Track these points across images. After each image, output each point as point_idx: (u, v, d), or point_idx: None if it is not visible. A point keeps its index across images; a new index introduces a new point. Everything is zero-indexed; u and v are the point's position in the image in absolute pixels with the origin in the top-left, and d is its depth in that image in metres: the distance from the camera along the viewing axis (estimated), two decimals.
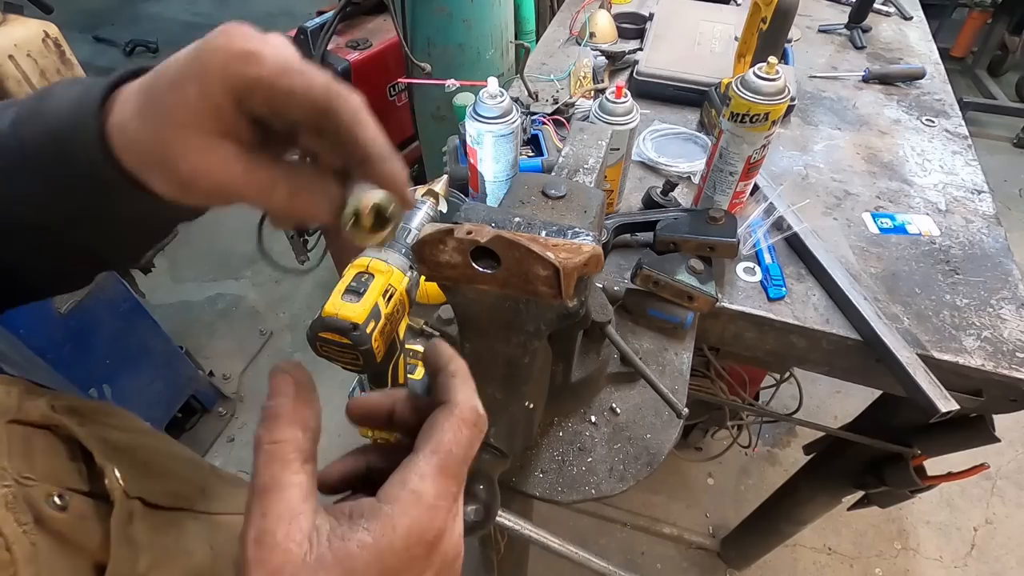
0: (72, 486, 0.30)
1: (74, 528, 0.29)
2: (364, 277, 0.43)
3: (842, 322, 0.77)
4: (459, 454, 0.27)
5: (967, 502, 1.76)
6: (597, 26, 1.31)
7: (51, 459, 0.30)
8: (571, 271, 0.39)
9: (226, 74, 0.25)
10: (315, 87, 0.26)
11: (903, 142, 1.09)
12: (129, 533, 0.31)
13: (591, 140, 0.69)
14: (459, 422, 0.27)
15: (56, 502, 0.28)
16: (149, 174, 0.28)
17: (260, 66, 0.25)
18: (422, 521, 0.25)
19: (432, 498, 0.25)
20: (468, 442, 0.28)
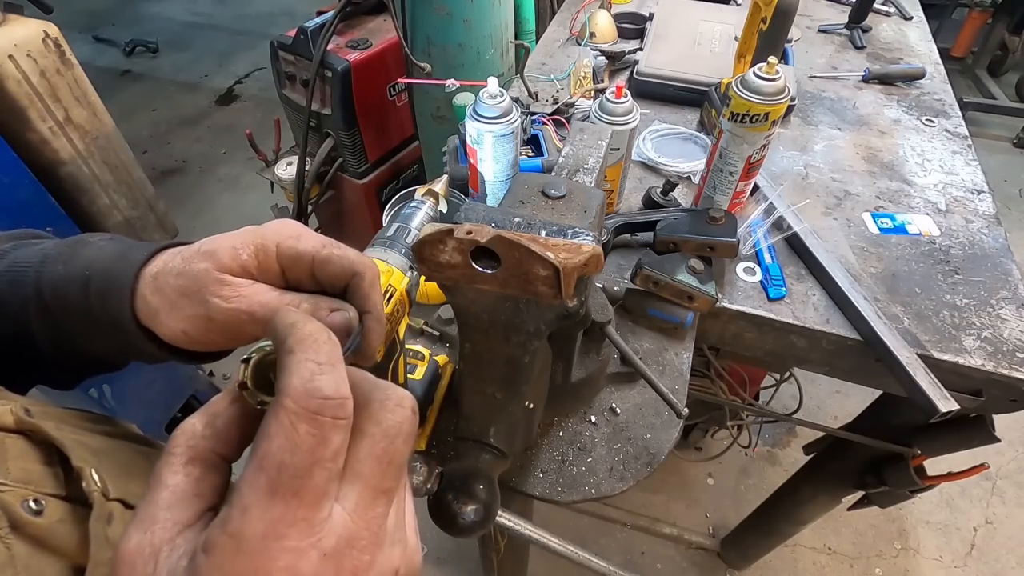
0: (48, 490, 0.30)
1: (51, 532, 0.28)
2: None
3: (842, 322, 0.77)
4: (296, 462, 0.19)
5: (967, 502, 1.76)
6: (597, 26, 1.31)
7: (26, 464, 0.30)
8: (571, 271, 0.39)
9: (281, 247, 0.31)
10: (348, 257, 0.32)
11: (903, 142, 1.09)
12: (109, 534, 0.30)
13: (591, 140, 0.69)
14: (289, 417, 0.20)
15: (32, 507, 0.28)
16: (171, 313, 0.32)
17: (308, 242, 0.32)
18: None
19: (259, 539, 0.19)
20: (311, 439, 0.20)
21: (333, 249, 0.31)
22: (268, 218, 1.38)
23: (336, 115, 1.59)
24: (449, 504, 0.44)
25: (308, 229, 0.32)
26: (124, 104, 3.31)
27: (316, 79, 1.54)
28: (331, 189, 1.77)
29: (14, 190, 1.12)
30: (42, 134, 1.17)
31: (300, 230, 0.32)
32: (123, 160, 1.36)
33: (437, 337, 0.76)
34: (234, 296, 0.30)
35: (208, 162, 2.97)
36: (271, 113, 2.08)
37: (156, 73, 3.65)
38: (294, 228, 0.32)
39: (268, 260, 0.31)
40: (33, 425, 0.30)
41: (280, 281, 0.32)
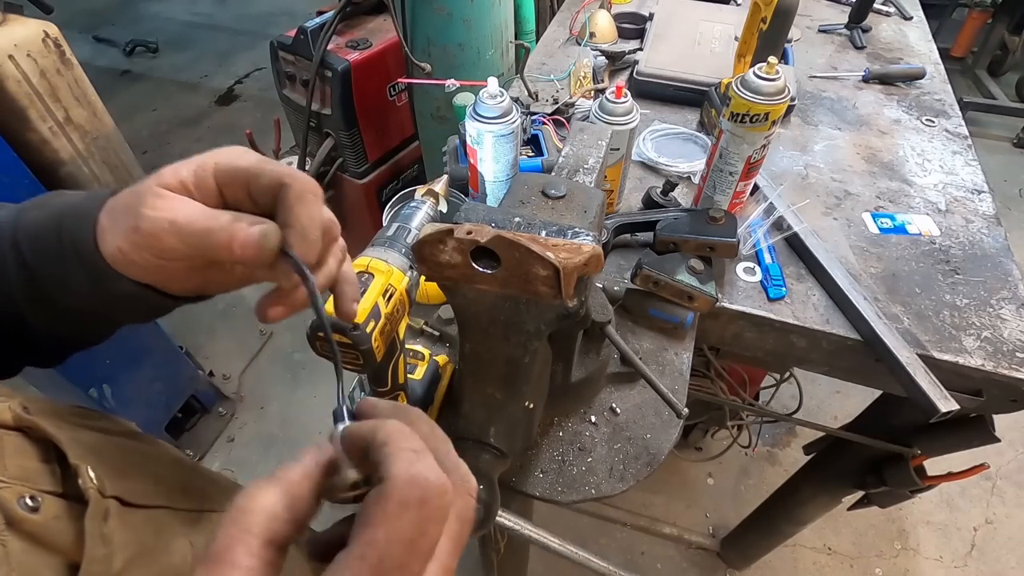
0: (45, 487, 0.30)
1: (47, 529, 0.28)
2: (364, 277, 0.43)
3: (842, 322, 0.77)
4: (398, 553, 0.20)
5: (967, 502, 1.76)
6: (597, 26, 1.31)
7: (22, 461, 0.30)
8: (571, 271, 0.39)
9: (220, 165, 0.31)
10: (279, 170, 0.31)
11: (903, 142, 1.09)
12: (104, 531, 0.30)
13: (591, 140, 0.69)
14: (395, 506, 0.21)
15: (28, 503, 0.28)
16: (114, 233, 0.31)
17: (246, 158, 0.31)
18: None
19: None
20: (413, 528, 0.21)
21: (265, 164, 0.31)
22: None
23: (336, 115, 1.59)
24: None
25: (255, 153, 0.32)
26: (124, 104, 3.31)
27: (316, 79, 1.54)
28: (331, 189, 1.77)
29: (14, 190, 1.12)
30: (42, 134, 1.17)
31: (244, 151, 0.32)
32: (123, 160, 1.36)
33: (437, 337, 0.76)
34: (163, 206, 0.30)
35: None
36: (271, 113, 2.08)
37: (156, 73, 3.65)
38: (238, 150, 0.32)
39: (206, 177, 0.31)
40: (31, 422, 0.30)
41: (217, 200, 0.32)
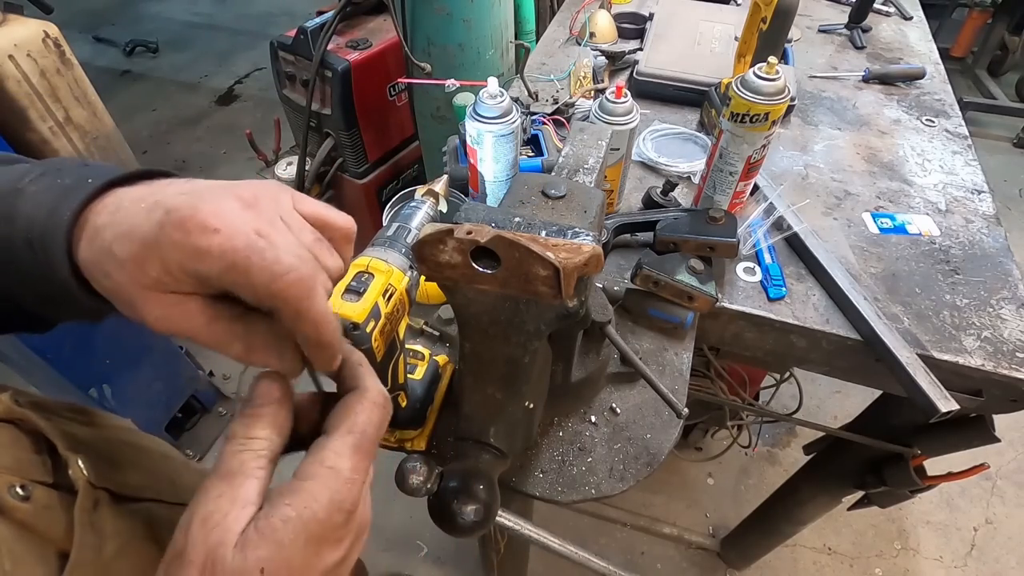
0: (36, 478, 0.31)
1: (38, 517, 0.30)
2: (364, 277, 0.43)
3: (842, 322, 0.77)
4: (371, 433, 0.30)
5: (967, 502, 1.76)
6: (597, 26, 1.31)
7: (14, 452, 0.31)
8: (571, 271, 0.39)
9: (183, 268, 0.27)
10: (257, 286, 0.27)
11: (903, 142, 1.09)
12: (94, 521, 0.32)
13: (591, 140, 0.69)
14: (371, 404, 0.30)
15: (19, 492, 0.29)
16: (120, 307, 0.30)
17: (210, 264, 0.27)
18: (341, 492, 0.27)
19: (349, 472, 0.28)
20: (379, 422, 0.30)
21: (237, 277, 0.27)
22: None
23: (336, 115, 1.59)
24: (449, 504, 0.44)
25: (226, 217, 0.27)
26: (124, 104, 3.31)
27: (316, 79, 1.54)
28: (331, 189, 1.77)
29: None
30: (42, 134, 1.17)
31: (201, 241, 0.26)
32: (123, 160, 1.36)
33: (437, 337, 0.76)
34: (163, 318, 0.29)
35: (208, 162, 2.97)
36: (271, 113, 2.07)
37: (156, 73, 3.65)
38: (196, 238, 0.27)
39: (178, 276, 0.28)
40: (23, 414, 0.32)
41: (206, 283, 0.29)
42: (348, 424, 0.29)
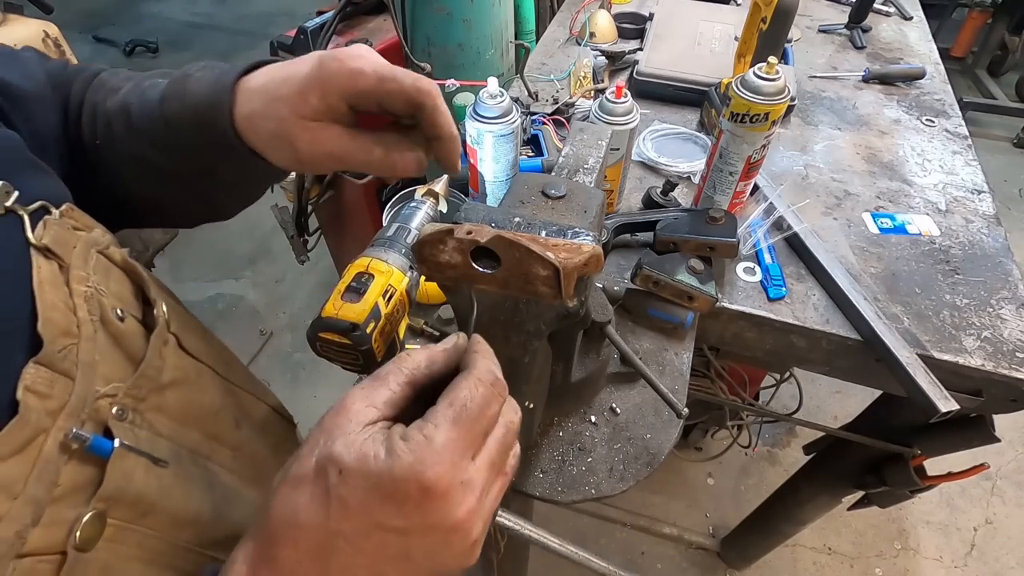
0: (132, 312, 0.39)
1: (125, 336, 0.37)
2: (364, 277, 0.43)
3: (842, 322, 0.77)
4: (473, 409, 0.30)
5: (967, 502, 1.76)
6: (597, 26, 1.31)
7: (121, 288, 0.39)
8: (571, 271, 0.39)
9: (342, 88, 0.37)
10: (407, 89, 0.38)
11: (903, 142, 1.09)
12: (162, 352, 0.39)
13: (591, 140, 0.69)
14: (475, 381, 0.31)
15: (118, 314, 0.37)
16: (272, 152, 0.40)
17: (367, 79, 0.37)
18: (424, 462, 0.27)
19: (440, 444, 0.28)
20: (483, 399, 0.30)
21: (389, 84, 0.37)
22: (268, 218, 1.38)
23: None
24: None
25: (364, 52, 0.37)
26: None
27: None
28: (331, 189, 1.77)
29: None
30: None
31: (357, 65, 0.37)
32: None
33: (437, 337, 0.76)
34: (314, 141, 0.38)
35: None
36: None
37: None
38: (352, 64, 0.37)
39: (334, 101, 0.38)
40: (133, 266, 0.41)
41: (348, 116, 0.39)
42: (450, 398, 0.30)
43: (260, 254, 2.52)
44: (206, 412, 0.44)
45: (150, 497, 0.35)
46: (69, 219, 0.36)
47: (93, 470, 0.32)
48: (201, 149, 0.42)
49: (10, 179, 0.33)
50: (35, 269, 0.32)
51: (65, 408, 0.31)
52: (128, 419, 0.35)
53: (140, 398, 0.36)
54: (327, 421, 0.30)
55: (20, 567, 0.28)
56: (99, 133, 0.45)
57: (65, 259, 0.34)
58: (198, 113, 0.40)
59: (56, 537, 0.30)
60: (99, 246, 0.38)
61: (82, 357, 0.32)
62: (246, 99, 0.40)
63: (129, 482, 0.34)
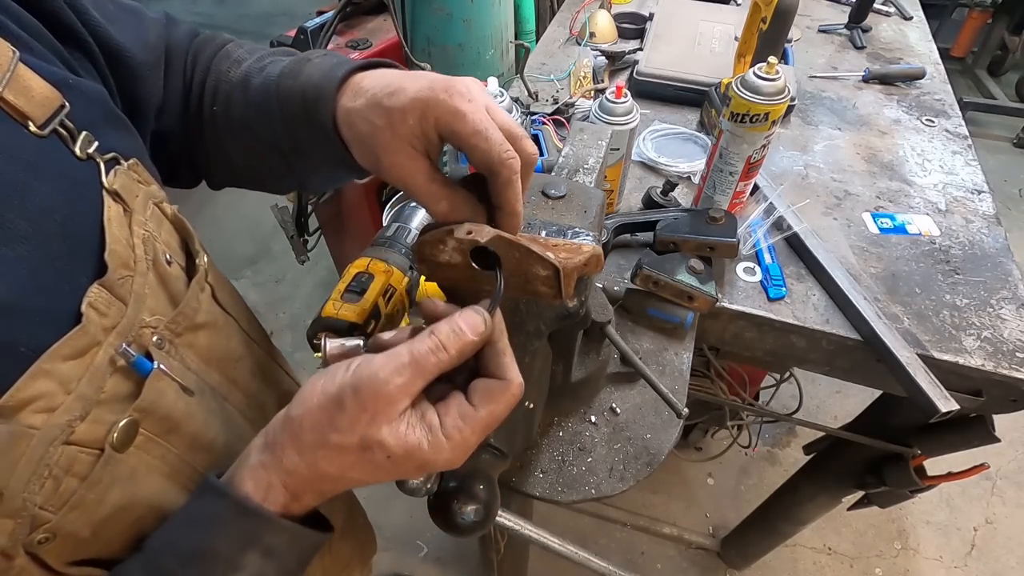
0: (177, 259, 0.42)
1: (170, 278, 0.40)
2: (364, 277, 0.43)
3: (842, 322, 0.77)
4: (499, 417, 0.36)
5: (967, 502, 1.76)
6: (597, 26, 1.31)
7: (170, 238, 0.43)
8: (571, 271, 0.39)
9: (440, 122, 0.38)
10: (492, 153, 0.37)
11: (903, 142, 1.09)
12: (199, 296, 0.43)
13: (591, 140, 0.69)
14: (510, 398, 0.36)
15: (167, 258, 0.40)
16: (359, 152, 0.43)
17: (463, 125, 0.37)
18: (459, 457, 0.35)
19: (471, 445, 0.35)
20: (507, 409, 0.36)
21: (479, 141, 0.37)
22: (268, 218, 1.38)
23: None
24: (449, 504, 0.44)
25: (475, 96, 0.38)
26: None
27: None
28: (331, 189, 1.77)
29: None
30: None
31: (461, 106, 0.37)
32: None
33: None
34: (396, 164, 0.40)
35: None
36: None
37: None
38: (456, 103, 0.37)
39: (428, 131, 0.39)
40: (182, 221, 0.44)
41: (436, 148, 0.41)
42: (489, 408, 0.35)
43: (260, 254, 2.52)
44: (229, 357, 0.48)
45: (176, 417, 0.39)
46: (134, 172, 0.40)
47: (132, 385, 0.36)
48: (300, 129, 0.46)
49: (92, 130, 0.37)
50: (106, 208, 0.36)
51: (117, 327, 0.35)
52: (165, 348, 0.39)
53: (177, 333, 0.40)
54: (367, 400, 0.33)
55: (66, 452, 0.32)
56: (219, 101, 0.50)
57: (130, 204, 0.38)
58: (306, 96, 0.44)
59: (98, 433, 0.34)
60: (156, 199, 0.42)
61: (135, 288, 0.37)
62: (352, 95, 0.42)
63: (161, 399, 0.38)
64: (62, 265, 0.33)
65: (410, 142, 0.39)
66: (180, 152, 0.53)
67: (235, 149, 0.52)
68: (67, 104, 0.35)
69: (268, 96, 0.47)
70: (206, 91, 0.51)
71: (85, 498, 0.34)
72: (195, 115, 0.51)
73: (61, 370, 0.32)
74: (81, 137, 0.36)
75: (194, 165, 0.55)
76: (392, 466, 0.34)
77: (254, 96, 0.48)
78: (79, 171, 0.36)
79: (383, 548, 1.66)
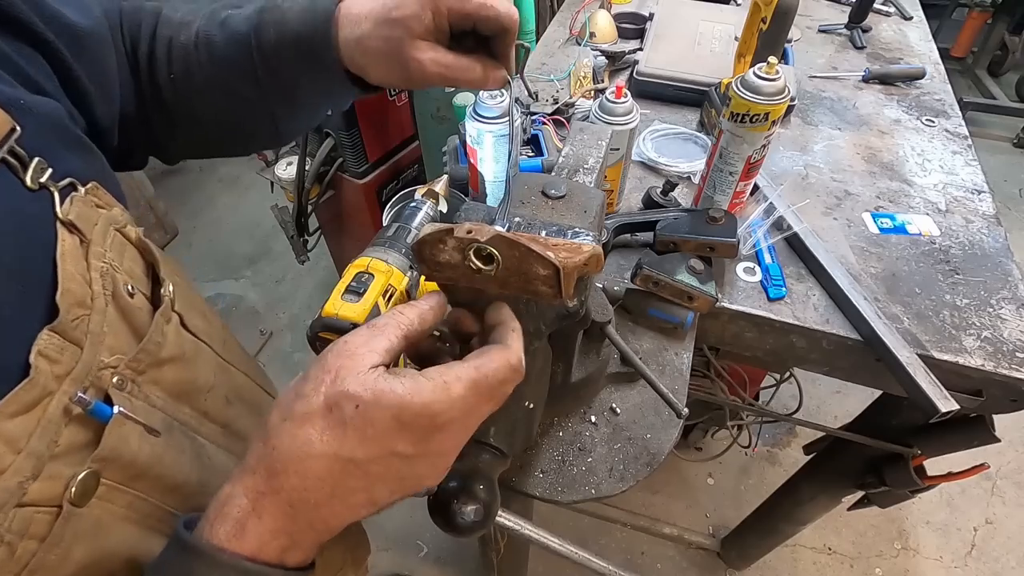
0: (141, 289, 0.41)
1: (133, 311, 0.39)
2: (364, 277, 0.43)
3: (842, 322, 0.77)
4: (493, 382, 0.33)
5: (967, 502, 1.76)
6: (597, 26, 1.31)
7: (133, 266, 0.41)
8: (571, 271, 0.39)
9: (451, 10, 0.43)
10: (501, 17, 0.44)
11: (903, 142, 1.09)
12: (163, 329, 0.41)
13: (591, 140, 0.69)
14: (506, 360, 0.34)
15: (128, 290, 0.38)
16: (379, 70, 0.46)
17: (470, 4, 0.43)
18: (440, 404, 0.31)
19: (456, 396, 0.31)
20: (504, 378, 0.34)
21: (488, 11, 0.43)
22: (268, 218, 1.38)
23: (336, 115, 1.59)
24: (449, 504, 0.44)
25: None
26: None
27: None
28: (331, 189, 1.77)
29: None
30: None
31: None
32: None
33: (437, 337, 0.76)
34: (423, 60, 0.44)
35: (208, 162, 2.97)
36: None
37: None
38: None
39: (441, 21, 0.44)
40: (146, 245, 0.43)
41: (446, 37, 0.45)
42: (479, 362, 0.33)
43: (260, 254, 2.52)
44: (199, 389, 0.46)
45: (141, 462, 0.37)
46: (93, 197, 0.38)
47: (91, 433, 0.34)
48: (291, 75, 0.47)
49: (46, 155, 0.34)
50: (59, 242, 0.34)
51: (71, 374, 0.33)
52: (127, 389, 0.37)
53: (139, 371, 0.38)
54: (331, 362, 0.31)
55: (20, 515, 0.30)
56: (175, 68, 0.49)
57: (87, 234, 0.36)
58: (298, 42, 0.46)
59: (54, 491, 0.32)
60: (117, 224, 0.40)
61: (92, 328, 0.35)
62: (351, 24, 0.45)
63: (124, 446, 0.36)
64: (11, 312, 0.31)
65: (430, 38, 0.44)
66: (136, 132, 0.51)
67: (204, 110, 0.51)
68: (18, 128, 0.32)
69: (242, 52, 0.47)
70: (157, 60, 0.49)
71: (46, 560, 0.31)
72: (148, 87, 0.50)
73: (7, 429, 0.29)
74: (33, 165, 0.33)
75: (152, 142, 0.53)
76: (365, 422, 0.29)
77: (221, 53, 0.48)
78: (30, 203, 0.33)
79: (383, 548, 1.66)
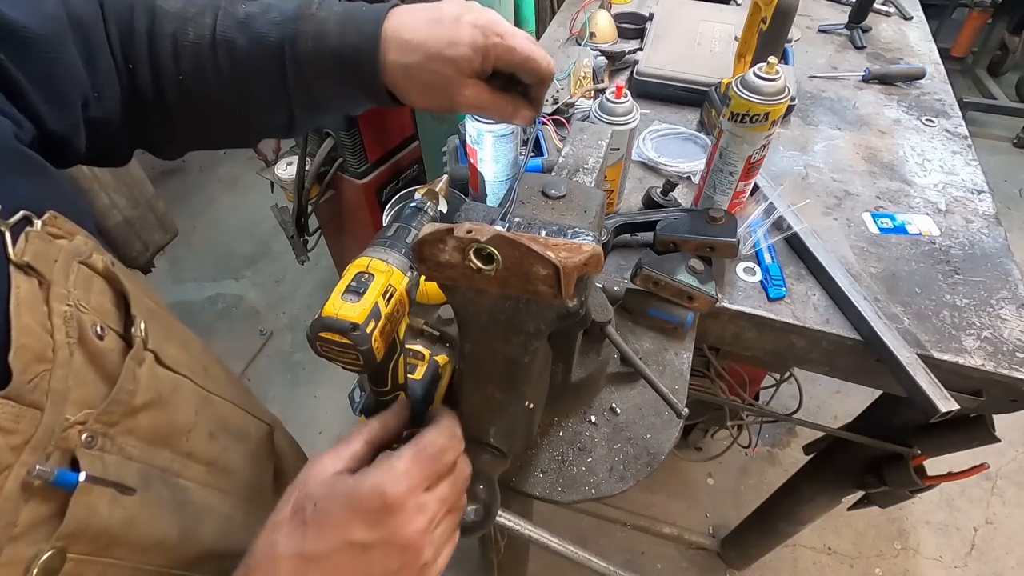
0: (112, 325, 0.38)
1: (103, 355, 0.36)
2: (364, 277, 0.43)
3: (842, 322, 0.77)
4: (433, 451, 0.38)
5: (967, 502, 1.76)
6: (597, 26, 1.31)
7: (102, 300, 0.38)
8: (571, 271, 0.39)
9: (499, 59, 0.48)
10: (541, 69, 0.49)
11: (903, 142, 1.09)
12: (136, 372, 0.38)
13: (591, 140, 0.69)
14: (437, 431, 0.39)
15: (98, 331, 0.35)
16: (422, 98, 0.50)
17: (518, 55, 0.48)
18: (387, 481, 0.35)
19: (400, 470, 0.36)
20: (442, 446, 0.38)
21: (531, 64, 0.48)
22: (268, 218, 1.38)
23: None
24: None
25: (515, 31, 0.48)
26: None
27: None
28: (331, 189, 1.77)
29: None
30: None
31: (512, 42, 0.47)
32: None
33: (437, 337, 0.76)
34: (470, 96, 0.49)
35: (208, 162, 2.97)
36: None
37: None
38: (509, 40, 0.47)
39: (487, 66, 0.48)
40: (114, 275, 0.39)
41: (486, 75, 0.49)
42: (415, 440, 0.38)
43: (260, 254, 2.52)
44: (180, 430, 0.43)
45: (113, 529, 0.34)
46: (51, 227, 0.34)
47: (55, 504, 0.31)
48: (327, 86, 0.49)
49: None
50: (14, 289, 0.30)
51: (31, 442, 0.30)
52: (98, 445, 0.34)
53: (111, 423, 0.35)
54: (301, 476, 0.36)
55: None
56: (184, 67, 0.47)
57: (46, 275, 0.32)
58: (339, 57, 0.47)
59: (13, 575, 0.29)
60: (81, 256, 0.36)
61: (54, 385, 0.31)
62: (400, 50, 0.47)
63: (92, 516, 0.33)
64: None
65: (475, 77, 0.48)
66: (122, 132, 0.48)
67: (213, 109, 0.50)
68: None
69: (270, 59, 0.47)
70: (160, 61, 0.46)
71: None
72: (150, 88, 0.47)
73: None
74: None
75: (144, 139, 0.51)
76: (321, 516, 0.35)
77: (245, 58, 0.47)
78: None
79: None
